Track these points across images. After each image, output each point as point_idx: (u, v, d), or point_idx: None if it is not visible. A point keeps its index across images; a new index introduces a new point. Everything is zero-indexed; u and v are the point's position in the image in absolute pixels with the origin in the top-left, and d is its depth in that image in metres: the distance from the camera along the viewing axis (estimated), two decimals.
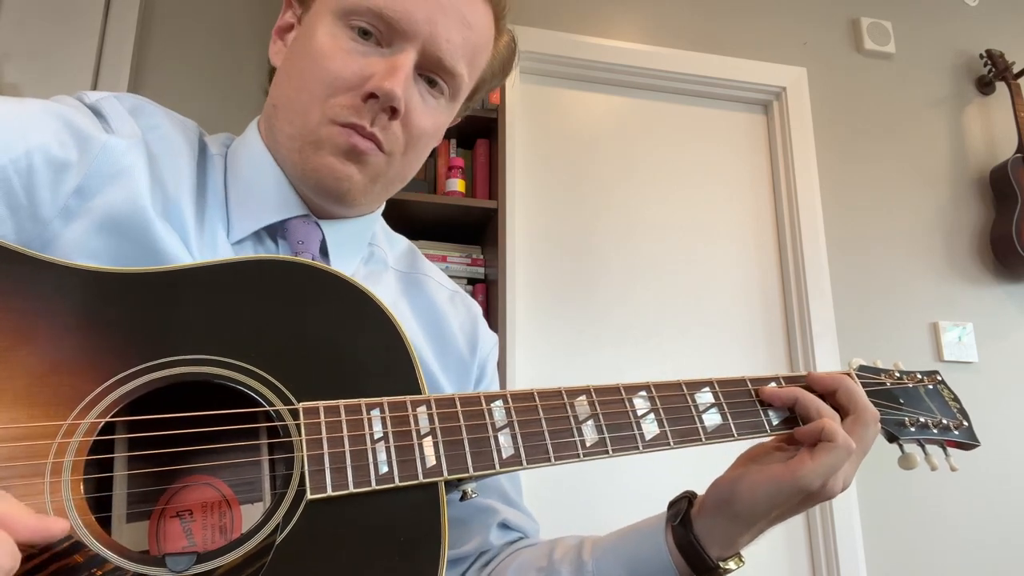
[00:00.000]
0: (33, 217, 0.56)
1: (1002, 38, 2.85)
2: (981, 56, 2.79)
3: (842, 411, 0.66)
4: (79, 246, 0.57)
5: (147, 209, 0.60)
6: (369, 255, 0.78)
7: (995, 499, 2.36)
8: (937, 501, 2.32)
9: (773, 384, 0.67)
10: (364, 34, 0.65)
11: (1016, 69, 2.72)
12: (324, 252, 0.72)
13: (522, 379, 2.14)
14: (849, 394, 0.66)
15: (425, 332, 0.77)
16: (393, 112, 0.65)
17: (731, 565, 0.64)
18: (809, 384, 0.68)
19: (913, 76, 2.78)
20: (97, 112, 0.63)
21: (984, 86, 2.81)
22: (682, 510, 0.66)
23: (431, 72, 0.68)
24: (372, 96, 0.64)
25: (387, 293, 0.77)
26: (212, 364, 0.51)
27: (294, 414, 0.51)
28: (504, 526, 0.78)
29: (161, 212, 0.62)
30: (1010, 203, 2.58)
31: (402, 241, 0.85)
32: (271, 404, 0.51)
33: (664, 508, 0.69)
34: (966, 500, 2.34)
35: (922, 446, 0.72)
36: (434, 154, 2.16)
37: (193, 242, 0.63)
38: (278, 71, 0.71)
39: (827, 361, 2.33)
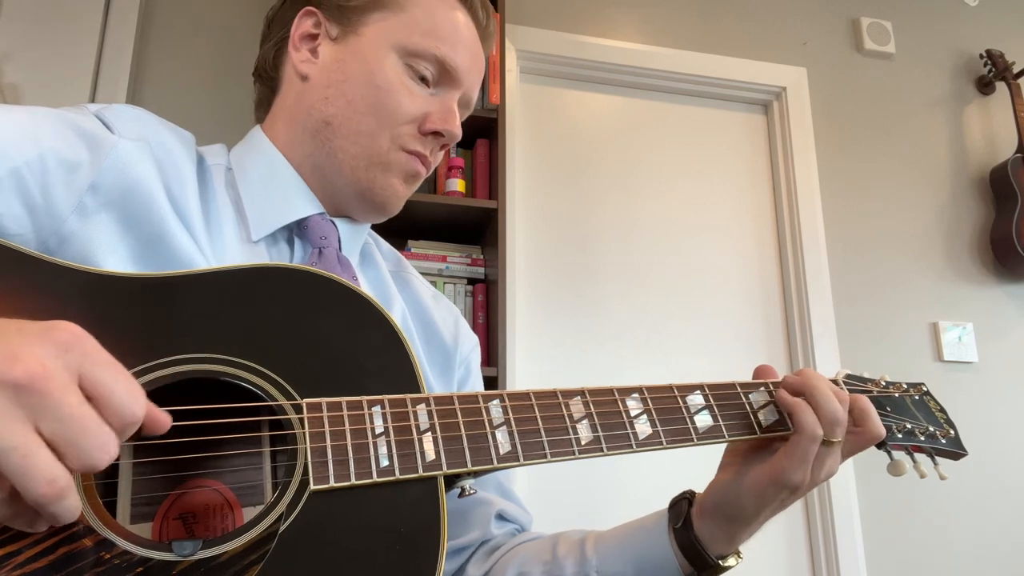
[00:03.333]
0: (50, 214, 0.58)
1: (1002, 38, 2.86)
2: (981, 56, 2.80)
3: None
4: (96, 241, 0.59)
5: (161, 206, 0.63)
6: (362, 252, 0.83)
7: (995, 499, 2.37)
8: (937, 501, 2.32)
9: (762, 389, 0.68)
10: (422, 79, 0.75)
11: (1016, 69, 2.73)
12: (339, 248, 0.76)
13: (522, 378, 2.14)
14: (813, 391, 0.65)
15: (415, 325, 0.82)
16: (444, 145, 0.78)
17: (731, 561, 0.68)
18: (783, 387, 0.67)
19: (913, 76, 2.78)
20: (102, 120, 0.65)
21: (984, 86, 2.82)
22: (683, 512, 0.68)
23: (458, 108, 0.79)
24: (437, 134, 0.75)
25: (384, 289, 0.81)
26: (216, 362, 0.52)
27: (297, 409, 0.52)
28: (501, 517, 0.82)
29: (172, 211, 0.64)
30: (1010, 203, 2.59)
31: (384, 241, 0.91)
32: (274, 400, 0.52)
33: (664, 507, 0.72)
34: (966, 499, 2.34)
35: (910, 454, 0.73)
36: None
37: (203, 243, 0.65)
38: (319, 85, 0.75)
39: (827, 361, 2.33)
